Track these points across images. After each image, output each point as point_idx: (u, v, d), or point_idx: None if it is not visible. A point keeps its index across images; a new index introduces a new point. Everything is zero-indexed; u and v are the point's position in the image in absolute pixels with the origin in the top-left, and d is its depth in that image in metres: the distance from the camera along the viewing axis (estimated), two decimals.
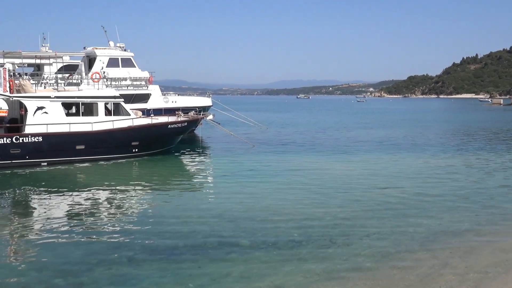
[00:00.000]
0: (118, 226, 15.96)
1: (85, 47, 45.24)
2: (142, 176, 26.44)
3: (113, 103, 30.21)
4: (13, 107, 30.30)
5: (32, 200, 20.37)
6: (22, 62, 38.95)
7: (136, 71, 44.69)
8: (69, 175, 25.47)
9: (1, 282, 11.09)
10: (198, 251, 13.13)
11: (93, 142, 28.83)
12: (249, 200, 19.28)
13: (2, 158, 26.44)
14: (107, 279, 11.23)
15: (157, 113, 37.58)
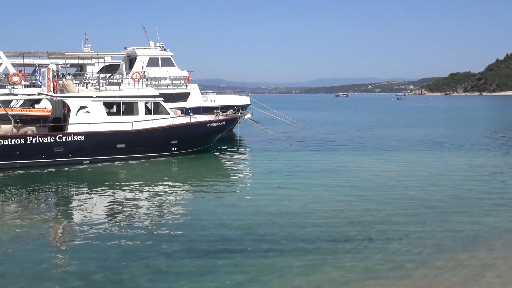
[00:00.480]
0: (157, 223, 16.16)
1: (126, 47, 46.02)
2: (181, 174, 26.71)
3: (153, 102, 30.60)
4: (56, 107, 31.01)
5: (74, 197, 20.84)
6: (66, 62, 39.96)
7: (175, 71, 45.19)
8: (110, 173, 25.94)
9: (44, 276, 11.36)
10: (236, 249, 13.18)
11: (133, 141, 29.27)
12: (286, 198, 19.25)
13: (46, 156, 27.12)
14: (146, 276, 11.38)
15: (196, 112, 37.95)
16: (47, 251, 13.33)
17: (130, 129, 29.20)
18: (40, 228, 15.72)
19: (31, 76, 36.96)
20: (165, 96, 36.24)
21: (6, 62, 35.69)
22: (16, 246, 13.81)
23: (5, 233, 15.23)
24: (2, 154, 26.16)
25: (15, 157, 26.47)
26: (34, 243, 14.03)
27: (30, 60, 43.29)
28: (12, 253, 13.07)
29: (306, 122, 63.19)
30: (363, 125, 61.83)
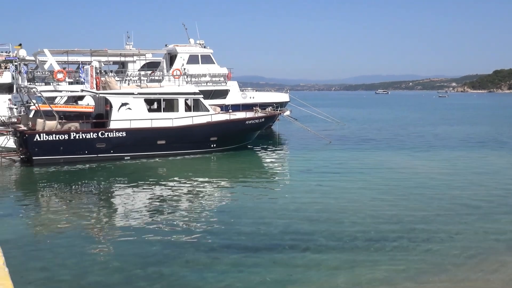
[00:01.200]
0: (196, 219, 16.32)
1: (167, 44, 46.53)
2: (220, 171, 26.90)
3: (193, 99, 30.90)
4: (99, 103, 31.65)
5: (115, 192, 21.25)
6: (108, 60, 40.70)
7: (215, 68, 45.48)
8: (150, 169, 26.33)
9: (85, 270, 11.62)
10: (274, 247, 13.20)
11: (173, 137, 29.63)
12: (325, 197, 19.16)
13: (88, 152, 27.72)
14: (185, 272, 11.52)
15: (235, 109, 38.08)
16: (89, 245, 13.62)
17: (170, 125, 29.57)
18: (82, 222, 16.08)
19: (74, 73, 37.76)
20: (205, 93, 36.54)
21: (51, 59, 36.59)
22: (59, 240, 14.18)
23: (48, 227, 15.66)
24: (47, 149, 26.86)
25: (59, 152, 27.14)
26: (77, 237, 14.37)
27: (74, 58, 44.21)
28: (55, 247, 13.41)
29: (345, 120, 62.67)
30: (403, 122, 60.95)
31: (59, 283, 10.86)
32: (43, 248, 13.43)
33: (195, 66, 44.34)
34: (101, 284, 10.86)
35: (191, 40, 47.48)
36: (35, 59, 41.33)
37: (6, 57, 49.35)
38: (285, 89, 54.45)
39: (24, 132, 27.39)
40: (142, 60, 43.75)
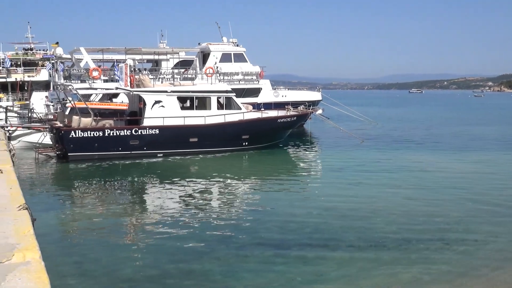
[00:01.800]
0: (227, 217, 16.41)
1: (200, 43, 46.81)
2: (251, 169, 26.97)
3: (225, 97, 31.05)
4: (133, 101, 32.05)
5: (148, 189, 21.53)
6: (142, 58, 41.12)
7: (247, 66, 45.57)
8: (183, 167, 26.56)
9: (117, 265, 11.81)
10: (304, 247, 13.19)
11: (206, 135, 29.83)
12: (356, 196, 19.03)
13: (122, 148, 28.12)
14: (216, 269, 11.60)
15: (267, 107, 38.09)
16: (121, 241, 13.85)
17: (203, 123, 29.77)
18: (115, 218, 16.35)
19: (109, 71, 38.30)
20: (237, 91, 36.65)
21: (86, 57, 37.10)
22: (93, 235, 14.44)
23: (83, 223, 15.95)
24: (82, 145, 27.36)
25: (94, 148, 27.61)
26: (110, 233, 14.62)
27: (109, 56, 44.79)
28: (89, 242, 13.67)
29: (378, 119, 61.98)
30: (437, 122, 60.04)
31: (92, 278, 11.06)
32: (77, 242, 13.71)
33: (228, 64, 44.51)
34: (133, 279, 11.02)
35: (224, 39, 47.67)
36: (72, 57, 42.02)
37: (43, 55, 50.33)
38: (317, 88, 54.22)
39: (60, 128, 27.95)
40: (175, 59, 44.09)
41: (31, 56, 50.56)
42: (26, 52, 51.77)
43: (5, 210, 7.57)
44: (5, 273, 5.10)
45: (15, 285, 4.81)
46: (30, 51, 52.30)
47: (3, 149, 14.52)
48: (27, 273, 5.11)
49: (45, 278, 5.02)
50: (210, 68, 39.99)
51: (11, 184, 9.46)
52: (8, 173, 10.55)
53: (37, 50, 52.65)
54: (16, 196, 8.50)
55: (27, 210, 7.52)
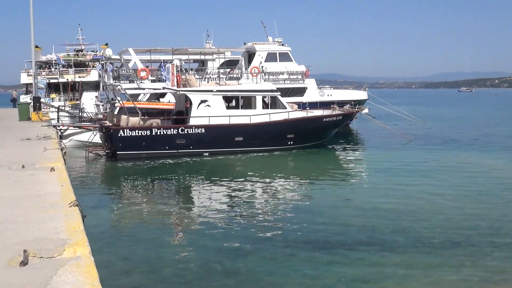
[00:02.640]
0: (272, 216, 16.44)
1: (245, 42, 46.97)
2: (296, 168, 26.93)
3: (270, 97, 31.11)
4: (179, 100, 32.48)
5: (194, 187, 21.80)
6: (188, 58, 41.57)
7: (293, 65, 45.46)
8: (228, 165, 26.76)
9: (164, 262, 12.00)
10: (350, 247, 13.09)
11: (251, 134, 29.96)
12: (403, 197, 18.73)
13: (169, 147, 28.55)
14: (261, 266, 11.65)
15: (313, 106, 37.92)
16: (168, 238, 14.07)
17: (248, 122, 29.90)
18: (162, 216, 16.62)
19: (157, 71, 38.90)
20: (283, 91, 36.65)
21: (135, 58, 37.79)
22: (140, 232, 14.74)
23: (130, 220, 16.30)
24: (130, 144, 27.91)
25: (141, 147, 28.14)
26: (157, 230, 14.88)
27: (156, 56, 45.48)
28: (137, 239, 13.96)
29: (426, 118, 60.75)
30: (488, 122, 58.34)
31: (139, 274, 11.29)
32: (125, 239, 14.01)
33: (273, 64, 44.51)
34: (178, 276, 11.19)
35: (270, 38, 47.70)
36: (120, 58, 42.89)
37: (93, 56, 51.58)
38: (363, 87, 53.60)
39: (109, 128, 28.59)
40: (221, 58, 44.39)
41: (81, 57, 51.89)
42: (77, 53, 53.17)
43: (57, 206, 7.82)
44: (56, 267, 5.29)
45: (65, 279, 4.97)
46: (81, 52, 53.69)
47: (55, 148, 14.98)
48: (77, 267, 5.28)
49: (94, 273, 5.17)
50: (255, 68, 40.09)
51: (62, 182, 9.76)
52: (60, 171, 10.89)
53: (88, 52, 53.99)
54: (67, 193, 8.77)
55: (77, 207, 7.75)
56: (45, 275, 5.07)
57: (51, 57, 50.34)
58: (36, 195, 8.61)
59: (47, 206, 7.80)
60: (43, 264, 5.38)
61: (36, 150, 14.13)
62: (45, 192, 8.83)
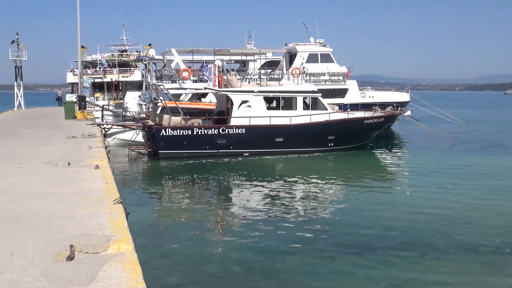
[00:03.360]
0: (311, 217, 16.39)
1: (287, 43, 46.95)
2: (337, 170, 26.76)
3: (311, 98, 31.00)
4: (221, 101, 32.71)
5: (233, 187, 21.91)
6: (230, 58, 41.81)
7: (334, 66, 45.21)
8: (268, 166, 26.79)
9: (204, 260, 12.10)
10: (391, 250, 12.92)
11: (291, 135, 29.92)
12: (446, 201, 18.38)
13: (210, 147, 28.78)
14: (300, 268, 11.62)
15: (354, 108, 37.63)
16: (208, 237, 14.19)
17: (288, 123, 29.87)
18: (202, 214, 16.78)
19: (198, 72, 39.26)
20: (324, 92, 36.45)
21: (177, 58, 38.26)
22: (181, 230, 14.92)
23: (171, 218, 16.51)
24: (172, 143, 28.26)
25: (183, 147, 28.46)
26: (197, 228, 15.02)
27: (198, 57, 45.96)
28: (177, 237, 14.13)
29: (470, 121, 59.44)
30: None
31: (180, 271, 11.43)
32: (166, 236, 14.22)
33: (315, 65, 44.35)
34: (218, 274, 11.28)
35: (311, 39, 47.57)
36: (163, 58, 43.49)
37: (137, 57, 52.46)
38: (405, 89, 52.83)
39: (151, 127, 29.02)
40: (262, 59, 44.48)
41: (125, 57, 52.83)
42: (121, 53, 54.17)
43: (102, 203, 7.99)
44: (101, 263, 5.41)
45: (110, 274, 5.08)
46: (125, 52, 54.67)
47: (100, 146, 15.31)
48: (121, 263, 5.39)
49: (138, 269, 5.26)
50: (296, 69, 40.06)
51: (107, 179, 9.97)
52: (104, 169, 11.12)
53: (131, 52, 54.94)
54: (111, 191, 8.95)
55: (121, 204, 7.91)
56: (90, 270, 5.19)
57: (96, 57, 51.46)
58: (81, 191, 8.82)
59: (92, 203, 7.98)
60: (89, 259, 5.52)
61: (81, 148, 14.47)
62: (90, 189, 9.04)
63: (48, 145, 15.14)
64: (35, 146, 14.84)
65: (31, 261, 5.44)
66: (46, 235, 6.35)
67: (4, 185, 9.26)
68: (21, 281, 4.90)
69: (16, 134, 18.55)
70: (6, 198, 8.27)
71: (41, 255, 5.64)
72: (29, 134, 18.52)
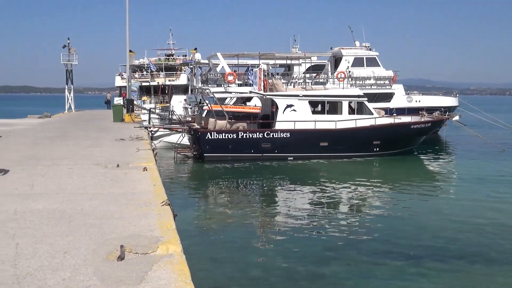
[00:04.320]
0: (356, 223, 16.24)
1: (332, 47, 46.72)
2: (382, 175, 26.41)
3: (357, 102, 30.74)
4: (265, 105, 32.80)
5: (277, 191, 21.91)
6: (275, 62, 41.92)
7: (380, 70, 44.70)
8: (313, 170, 26.68)
9: (248, 264, 12.14)
10: (437, 258, 12.65)
11: (336, 139, 29.71)
12: (495, 209, 17.87)
13: (254, 151, 28.88)
14: (345, 274, 11.52)
15: (400, 112, 37.13)
16: (252, 240, 14.23)
17: (333, 128, 29.69)
18: (246, 218, 16.83)
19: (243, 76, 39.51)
20: (369, 96, 36.09)
21: (223, 62, 38.67)
22: (225, 233, 15.01)
23: (216, 221, 16.64)
24: (217, 147, 28.49)
25: (228, 150, 28.65)
26: (241, 232, 15.09)
27: (243, 61, 46.29)
28: (222, 240, 14.23)
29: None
30: None
31: (225, 275, 11.50)
32: (211, 239, 14.33)
33: (360, 68, 43.97)
34: (263, 278, 11.29)
35: (357, 43, 47.22)
36: (209, 62, 44.00)
37: (183, 61, 53.20)
38: (453, 93, 51.79)
39: (197, 130, 29.34)
40: (307, 63, 44.43)
41: (172, 61, 53.65)
42: (168, 58, 55.03)
43: (150, 205, 8.14)
44: (151, 263, 5.51)
45: (159, 275, 5.17)
46: (171, 56, 55.53)
47: (147, 148, 15.58)
48: (170, 265, 5.48)
49: (186, 271, 5.34)
50: (341, 73, 39.85)
51: (154, 181, 10.14)
52: (152, 171, 11.32)
53: (178, 56, 55.75)
54: (159, 192, 9.10)
55: (169, 206, 8.03)
56: (140, 270, 5.30)
57: (143, 61, 52.45)
58: (130, 193, 9.00)
59: (141, 204, 8.14)
60: (138, 260, 5.63)
61: (130, 150, 14.76)
62: (138, 190, 9.21)
63: (98, 147, 15.51)
64: (85, 148, 15.22)
65: (83, 260, 5.60)
66: (97, 235, 6.52)
67: (57, 186, 9.54)
68: (74, 279, 5.04)
69: (68, 136, 19.07)
70: (58, 198, 8.52)
71: (93, 254, 5.79)
72: (79, 136, 19.01)
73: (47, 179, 10.25)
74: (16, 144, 16.53)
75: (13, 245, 6.10)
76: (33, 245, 6.10)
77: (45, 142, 16.85)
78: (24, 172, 11.01)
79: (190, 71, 45.01)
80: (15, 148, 15.41)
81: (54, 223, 7.07)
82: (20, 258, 5.63)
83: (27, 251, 5.88)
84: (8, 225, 6.96)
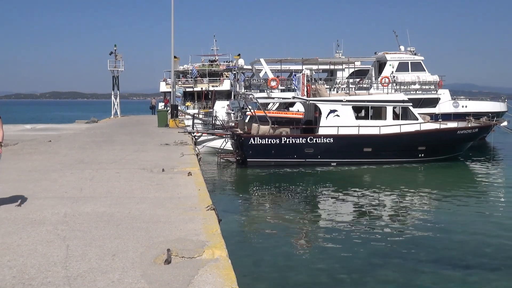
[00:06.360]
0: (401, 230, 15.98)
1: (376, 52, 46.24)
2: (427, 182, 25.93)
3: (401, 107, 30.29)
4: (308, 110, 32.70)
5: (320, 197, 21.78)
6: (318, 68, 41.77)
7: (425, 75, 43.97)
8: (356, 176, 26.42)
9: (291, 269, 12.08)
10: (487, 266, 12.33)
11: (380, 145, 29.34)
12: None
13: (297, 156, 28.80)
14: (391, 282, 11.34)
15: (446, 118, 36.39)
16: (295, 246, 14.19)
17: (377, 133, 29.34)
18: (289, 223, 16.79)
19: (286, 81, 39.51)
20: (414, 101, 35.52)
21: (266, 68, 38.75)
22: (268, 238, 15.01)
23: (260, 226, 16.65)
24: (260, 152, 28.54)
25: (271, 155, 28.66)
26: (284, 237, 15.06)
27: (286, 66, 46.32)
28: (265, 245, 14.22)
29: None
30: None
31: (269, 280, 11.49)
32: (255, 244, 14.35)
33: (405, 73, 43.36)
34: (306, 284, 11.23)
35: (401, 47, 46.60)
36: (252, 68, 44.22)
37: (226, 66, 53.61)
38: (502, 98, 50.44)
39: (240, 135, 29.47)
40: (350, 68, 44.13)
41: (215, 67, 54.14)
42: (211, 63, 55.56)
43: (195, 209, 8.23)
44: (197, 268, 5.57)
45: (206, 279, 5.22)
46: (215, 62, 56.04)
47: (191, 153, 15.77)
48: (216, 269, 5.53)
49: (232, 275, 5.38)
50: (386, 78, 39.35)
51: (199, 186, 10.26)
52: (196, 176, 11.45)
53: (221, 62, 56.21)
54: (204, 197, 9.20)
55: (214, 211, 8.11)
56: (187, 274, 5.36)
57: (187, 67, 53.11)
58: (176, 197, 9.12)
59: (187, 208, 8.24)
60: (185, 264, 5.70)
61: (174, 155, 14.97)
62: (184, 195, 9.33)
63: (143, 151, 15.79)
64: (132, 152, 15.52)
65: (131, 263, 5.71)
66: (144, 238, 6.63)
67: (105, 189, 9.76)
68: (122, 282, 5.14)
69: (114, 140, 19.49)
70: (107, 202, 8.71)
71: (141, 257, 5.90)
72: (125, 141, 19.40)
73: (95, 182, 10.50)
74: (65, 148, 16.99)
75: (64, 247, 6.27)
76: (83, 247, 6.26)
77: (92, 147, 17.27)
78: (73, 176, 11.30)
79: (233, 77, 45.30)
80: (65, 152, 15.84)
81: (103, 226, 7.23)
82: (70, 260, 5.78)
83: (77, 253, 6.04)
84: (59, 227, 7.16)
